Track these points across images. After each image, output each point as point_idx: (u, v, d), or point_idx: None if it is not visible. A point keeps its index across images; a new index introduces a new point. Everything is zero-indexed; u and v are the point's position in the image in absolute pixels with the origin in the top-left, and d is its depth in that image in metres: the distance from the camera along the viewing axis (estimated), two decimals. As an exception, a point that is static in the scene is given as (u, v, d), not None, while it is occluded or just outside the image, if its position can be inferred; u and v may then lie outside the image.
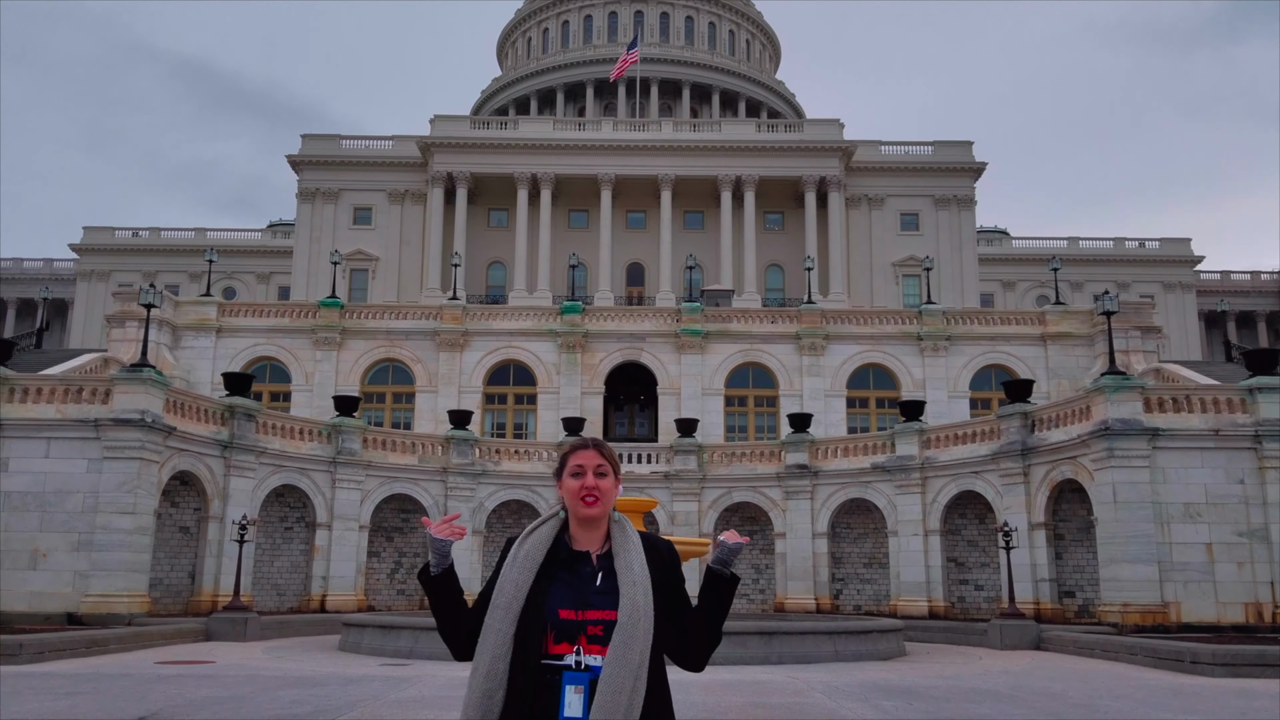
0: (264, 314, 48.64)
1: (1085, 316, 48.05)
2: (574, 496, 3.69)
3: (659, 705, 3.52)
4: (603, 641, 3.46)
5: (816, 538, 37.00)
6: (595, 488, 3.67)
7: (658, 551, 3.72)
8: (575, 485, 3.69)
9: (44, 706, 12.66)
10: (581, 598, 3.55)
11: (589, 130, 71.84)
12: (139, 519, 26.90)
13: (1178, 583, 26.64)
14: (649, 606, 3.49)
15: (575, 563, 3.65)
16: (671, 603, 3.63)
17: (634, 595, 3.48)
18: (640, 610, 3.46)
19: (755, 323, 48.80)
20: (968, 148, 73.34)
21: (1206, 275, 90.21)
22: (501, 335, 48.16)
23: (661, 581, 3.62)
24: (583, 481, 3.68)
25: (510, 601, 3.53)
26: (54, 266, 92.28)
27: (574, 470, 3.72)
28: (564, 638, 3.50)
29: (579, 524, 3.72)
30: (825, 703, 14.37)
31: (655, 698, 3.49)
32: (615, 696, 3.33)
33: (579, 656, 3.47)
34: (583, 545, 3.71)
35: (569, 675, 3.45)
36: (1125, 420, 27.42)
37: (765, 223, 71.96)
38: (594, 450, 3.76)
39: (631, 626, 3.42)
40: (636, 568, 3.56)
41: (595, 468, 3.71)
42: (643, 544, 3.70)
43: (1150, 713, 13.63)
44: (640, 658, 3.40)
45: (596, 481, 3.69)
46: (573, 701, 3.41)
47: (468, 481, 36.99)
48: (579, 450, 3.77)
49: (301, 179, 71.86)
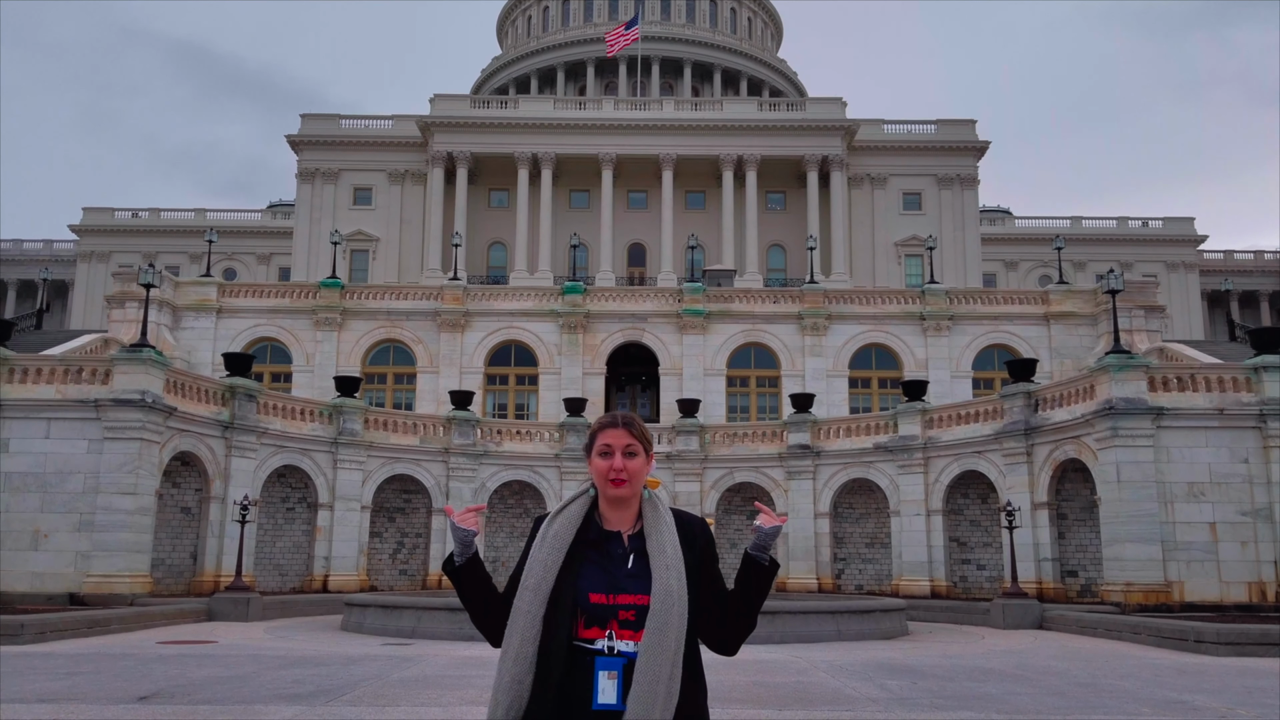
0: (264, 294, 48.48)
1: (1089, 296, 47.84)
2: (602, 477, 3.54)
3: (695, 692, 3.41)
4: (634, 627, 3.34)
5: (818, 518, 36.97)
6: (623, 469, 3.50)
7: (691, 530, 3.56)
8: (603, 465, 3.53)
9: (44, 687, 12.61)
10: (613, 581, 3.42)
11: (590, 110, 71.39)
12: (140, 499, 26.86)
13: (1181, 562, 26.61)
14: (683, 591, 3.36)
15: (606, 543, 3.52)
16: (705, 584, 3.50)
17: (667, 580, 3.35)
18: (674, 596, 3.33)
19: (757, 303, 48.61)
20: (971, 126, 72.90)
21: (1210, 255, 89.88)
22: (503, 316, 48.00)
23: (695, 562, 3.49)
24: (611, 462, 3.51)
25: (539, 582, 3.40)
26: (54, 248, 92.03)
27: (602, 450, 3.55)
28: (595, 622, 3.38)
29: (608, 504, 3.57)
30: (829, 682, 14.32)
31: (691, 684, 3.38)
32: (653, 685, 3.22)
33: (611, 642, 3.35)
34: (613, 525, 3.56)
35: (601, 660, 3.33)
36: (1129, 399, 27.31)
37: (767, 202, 71.63)
38: (623, 429, 3.56)
39: (665, 613, 3.30)
40: (669, 550, 3.42)
41: (624, 448, 3.53)
42: (676, 523, 3.55)
43: (1156, 691, 13.58)
44: (676, 644, 3.29)
45: (625, 463, 3.51)
46: (606, 688, 3.30)
47: (469, 462, 36.94)
48: (607, 429, 3.58)
49: (301, 159, 71.50)
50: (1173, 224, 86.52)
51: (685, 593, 3.36)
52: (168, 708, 11.13)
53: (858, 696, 12.81)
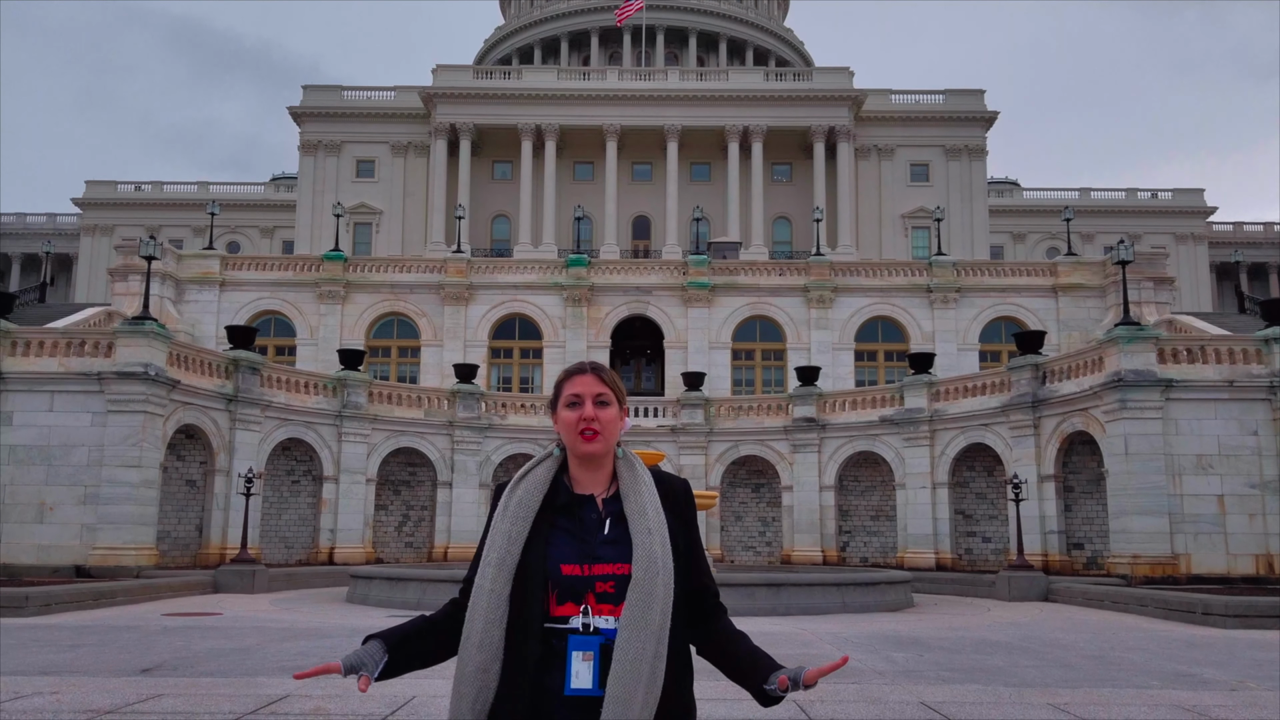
0: (267, 267, 48.30)
1: (1097, 268, 47.49)
2: (571, 430, 3.08)
3: (682, 674, 2.99)
4: (614, 600, 2.91)
5: (824, 490, 36.90)
6: (594, 419, 3.06)
7: (673, 491, 3.15)
8: (572, 417, 3.08)
9: (47, 659, 12.57)
10: (587, 549, 2.98)
11: (594, 80, 70.79)
12: (144, 472, 26.83)
13: (1188, 534, 26.50)
14: (668, 558, 2.95)
15: (578, 509, 3.08)
16: (680, 553, 3.05)
17: (650, 545, 2.92)
18: (658, 563, 2.91)
19: (763, 275, 48.33)
20: (979, 96, 72.17)
21: (1219, 226, 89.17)
22: (506, 289, 47.80)
23: (677, 527, 3.08)
24: (580, 412, 3.07)
25: (503, 556, 2.96)
26: (57, 221, 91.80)
27: (570, 400, 3.11)
28: (568, 597, 2.94)
29: (579, 463, 3.12)
30: (834, 654, 14.24)
31: (677, 664, 2.95)
32: (635, 666, 2.78)
33: (586, 618, 2.92)
34: (585, 488, 3.12)
35: (575, 640, 2.89)
36: (1139, 371, 27.10)
37: (773, 174, 71.11)
38: (592, 375, 3.14)
39: (649, 583, 2.87)
40: (650, 512, 3.00)
41: (595, 396, 3.09)
42: (655, 483, 3.13)
43: (1164, 664, 13.48)
44: (661, 618, 2.86)
45: (596, 412, 3.07)
46: (580, 670, 2.86)
47: (474, 435, 36.90)
48: (575, 376, 3.15)
49: (303, 131, 71.06)
50: (1182, 195, 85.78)
51: (671, 560, 2.96)
52: (169, 680, 11.08)
53: (863, 669, 12.73)
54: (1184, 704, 10.14)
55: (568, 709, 2.85)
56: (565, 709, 2.85)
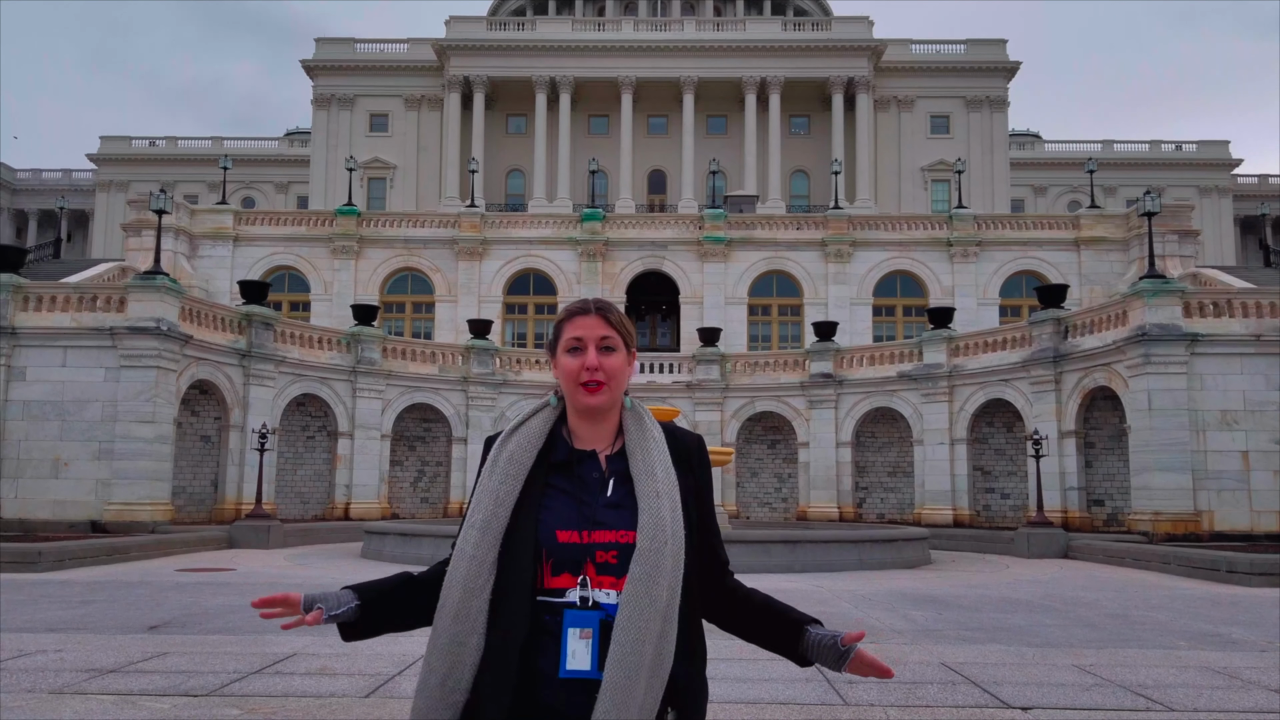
0: (281, 222, 47.99)
1: (1120, 221, 46.62)
2: (572, 380, 2.66)
3: (692, 656, 2.60)
4: (616, 572, 2.52)
5: (840, 447, 36.60)
6: (598, 369, 2.64)
7: (685, 448, 2.75)
8: (573, 365, 2.66)
9: (55, 615, 12.48)
10: (587, 513, 2.58)
11: (609, 31, 69.63)
12: (159, 428, 26.79)
13: (1211, 491, 26.11)
14: (678, 524, 2.56)
15: (577, 466, 2.67)
16: (693, 515, 2.67)
17: (658, 510, 2.53)
18: (667, 530, 2.52)
19: (780, 229, 47.70)
20: (1001, 46, 70.64)
21: (1244, 180, 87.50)
22: (521, 244, 47.38)
23: (691, 489, 2.68)
24: (583, 360, 2.65)
25: (489, 518, 2.56)
26: (73, 177, 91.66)
27: (570, 345, 2.68)
28: (565, 567, 2.53)
29: (580, 416, 2.71)
30: (852, 612, 14.01)
31: (686, 644, 2.57)
32: (638, 645, 2.41)
33: (585, 591, 2.52)
34: (586, 443, 2.71)
35: (572, 615, 2.49)
36: (1163, 325, 26.55)
37: (790, 127, 70.02)
38: (597, 315, 2.70)
39: (656, 553, 2.48)
40: (660, 473, 2.61)
41: (599, 340, 2.67)
42: (666, 439, 2.73)
43: (1190, 623, 13.19)
44: (669, 594, 2.48)
45: (600, 360, 2.65)
46: (577, 650, 2.46)
47: (489, 391, 36.74)
48: (577, 316, 2.71)
49: (316, 85, 70.37)
50: (1207, 147, 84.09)
51: (681, 527, 2.57)
52: (176, 637, 10.96)
53: (882, 627, 12.50)
54: (1214, 665, 9.84)
55: (562, 692, 2.45)
56: (559, 692, 2.45)
